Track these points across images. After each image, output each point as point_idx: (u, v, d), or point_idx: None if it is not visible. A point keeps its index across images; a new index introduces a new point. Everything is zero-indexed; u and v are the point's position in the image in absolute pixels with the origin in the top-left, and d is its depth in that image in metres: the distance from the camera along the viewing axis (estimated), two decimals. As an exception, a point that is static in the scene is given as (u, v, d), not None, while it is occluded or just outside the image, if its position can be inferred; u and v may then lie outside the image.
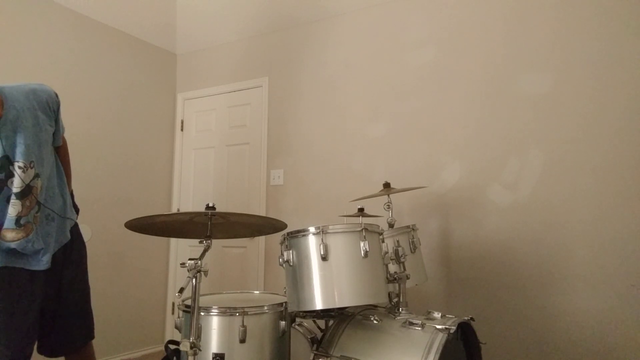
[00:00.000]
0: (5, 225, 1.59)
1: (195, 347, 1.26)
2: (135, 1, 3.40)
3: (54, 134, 1.73)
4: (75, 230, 1.83)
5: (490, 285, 2.50)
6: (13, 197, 1.58)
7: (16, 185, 1.58)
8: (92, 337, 1.80)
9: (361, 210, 2.22)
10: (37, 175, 1.65)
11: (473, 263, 2.56)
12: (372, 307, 1.86)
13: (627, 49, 2.30)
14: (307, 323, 1.88)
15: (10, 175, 1.57)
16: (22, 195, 1.60)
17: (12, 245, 1.59)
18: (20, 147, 1.58)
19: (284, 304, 1.59)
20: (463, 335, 1.71)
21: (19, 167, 1.59)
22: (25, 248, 1.61)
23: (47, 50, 2.99)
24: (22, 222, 1.61)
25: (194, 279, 1.30)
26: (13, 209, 1.59)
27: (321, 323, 1.96)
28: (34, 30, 2.93)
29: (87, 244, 3.12)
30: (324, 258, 1.46)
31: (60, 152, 1.83)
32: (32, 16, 2.92)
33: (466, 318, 1.64)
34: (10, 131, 1.56)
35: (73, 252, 1.80)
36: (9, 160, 1.57)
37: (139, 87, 3.61)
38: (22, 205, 1.60)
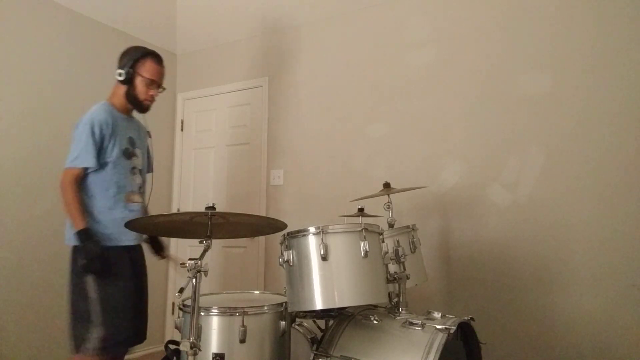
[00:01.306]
0: (133, 189, 1.99)
1: (195, 347, 1.26)
2: (135, 1, 3.40)
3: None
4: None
5: (490, 285, 2.50)
6: (137, 170, 2.03)
7: (136, 163, 2.03)
8: (145, 339, 2.03)
9: (361, 210, 2.22)
10: (140, 169, 2.08)
11: (473, 263, 2.56)
12: (372, 307, 1.86)
13: (627, 48, 2.30)
14: (307, 323, 1.87)
15: (134, 153, 2.03)
16: (140, 172, 2.06)
17: (135, 207, 1.99)
18: (138, 142, 2.07)
19: (284, 304, 1.59)
20: (463, 335, 1.71)
21: (137, 150, 2.06)
22: (137, 212, 2.00)
23: (46, 49, 2.98)
24: (140, 190, 2.06)
25: (194, 279, 1.30)
26: (138, 177, 2.04)
27: (321, 323, 1.96)
28: (34, 29, 2.92)
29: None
30: (324, 258, 1.46)
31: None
32: (31, 16, 2.92)
33: (466, 318, 1.64)
34: (137, 127, 2.12)
35: (143, 253, 2.11)
36: (133, 143, 2.04)
37: (139, 87, 3.61)
38: (138, 179, 2.05)
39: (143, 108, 2.06)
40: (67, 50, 3.11)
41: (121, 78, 1.99)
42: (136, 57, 1.99)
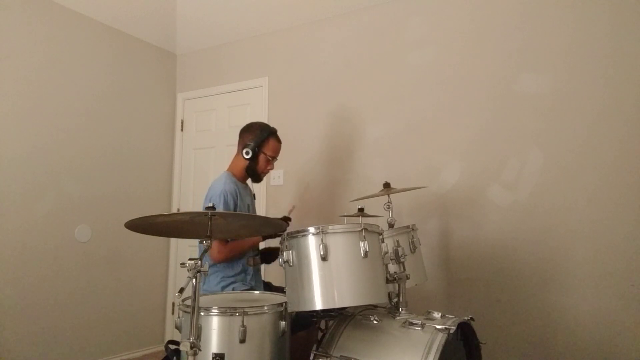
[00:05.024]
0: (252, 253, 2.22)
1: (195, 347, 1.26)
2: (135, 1, 3.40)
3: None
4: None
5: (490, 285, 2.50)
6: None
7: None
8: None
9: (361, 210, 2.21)
10: None
11: (473, 263, 2.56)
12: (372, 307, 1.86)
13: (629, 48, 2.30)
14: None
15: None
16: None
17: (251, 270, 2.20)
18: (251, 209, 2.32)
19: (284, 304, 1.59)
20: (463, 335, 1.71)
21: None
22: (254, 274, 2.27)
23: (46, 49, 2.98)
24: (255, 253, 2.28)
25: (194, 279, 1.30)
26: None
27: (321, 323, 1.96)
28: (34, 29, 2.92)
29: (86, 244, 3.13)
30: (324, 258, 1.46)
31: None
32: (31, 16, 2.92)
33: (466, 318, 1.64)
34: (250, 194, 2.35)
35: None
36: (249, 210, 2.26)
37: (139, 87, 3.61)
38: None
39: (259, 180, 2.29)
40: (66, 50, 3.11)
41: (248, 157, 2.16)
42: (262, 137, 2.18)
